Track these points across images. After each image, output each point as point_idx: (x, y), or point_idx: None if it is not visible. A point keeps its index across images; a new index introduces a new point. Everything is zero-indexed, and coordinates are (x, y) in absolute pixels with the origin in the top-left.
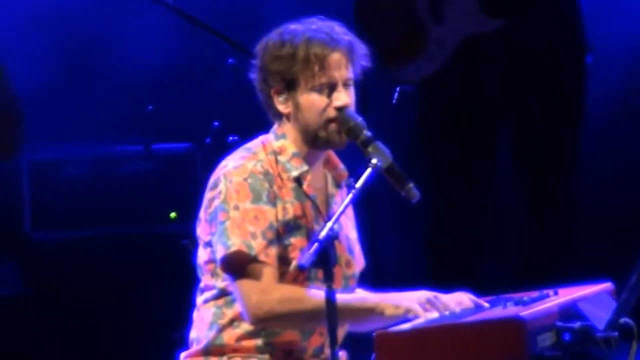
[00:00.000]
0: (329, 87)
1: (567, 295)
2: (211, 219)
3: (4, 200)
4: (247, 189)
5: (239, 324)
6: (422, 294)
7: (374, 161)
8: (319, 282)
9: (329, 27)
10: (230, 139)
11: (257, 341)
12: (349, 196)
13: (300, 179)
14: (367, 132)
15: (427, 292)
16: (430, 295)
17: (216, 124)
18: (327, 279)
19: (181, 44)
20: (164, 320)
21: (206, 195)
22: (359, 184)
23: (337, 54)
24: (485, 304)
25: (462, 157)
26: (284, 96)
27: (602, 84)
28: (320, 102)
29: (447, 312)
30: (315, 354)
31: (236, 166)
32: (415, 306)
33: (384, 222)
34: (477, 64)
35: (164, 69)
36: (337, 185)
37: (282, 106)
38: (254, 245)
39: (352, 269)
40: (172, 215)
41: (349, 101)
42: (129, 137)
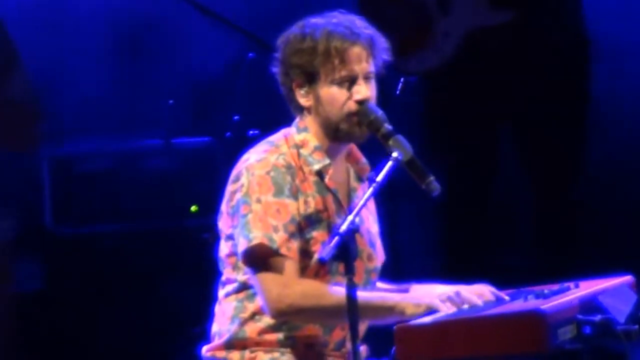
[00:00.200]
0: (350, 80)
1: (587, 288)
2: (233, 212)
3: (25, 195)
4: (270, 182)
5: (261, 317)
6: (443, 291)
7: (395, 154)
8: (340, 276)
9: (350, 21)
10: (250, 132)
11: (279, 335)
12: (370, 189)
13: (322, 173)
14: (388, 126)
15: (448, 288)
16: (451, 292)
17: (236, 117)
18: (348, 272)
19: (201, 38)
20: (185, 314)
21: (228, 188)
22: (379, 178)
23: (357, 47)
24: (505, 296)
25: (467, 151)
26: (305, 89)
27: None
28: (340, 95)
29: (467, 306)
30: (336, 348)
31: (259, 159)
32: (436, 302)
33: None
34: (482, 58)
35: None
36: (359, 179)
37: (303, 99)
38: (276, 238)
39: (373, 263)
40: (193, 208)
41: (369, 94)
42: (149, 132)
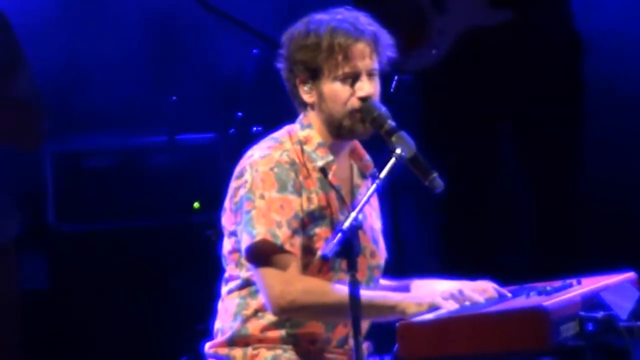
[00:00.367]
0: (353, 77)
1: (590, 284)
2: (236, 209)
3: (28, 192)
4: (273, 179)
5: (263, 314)
6: (445, 288)
7: (398, 151)
8: (342, 273)
9: (354, 17)
10: (254, 129)
11: (282, 332)
12: (373, 186)
13: (325, 169)
14: (391, 122)
15: (450, 285)
16: (454, 290)
17: (240, 114)
18: (351, 269)
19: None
20: (189, 311)
21: (231, 184)
22: (382, 174)
23: (361, 44)
24: (507, 293)
25: (466, 150)
26: (308, 85)
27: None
28: (343, 91)
29: (469, 303)
30: (339, 345)
31: (262, 156)
32: (438, 300)
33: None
34: (480, 57)
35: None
36: (362, 176)
37: (306, 95)
38: (280, 234)
39: (376, 260)
40: (196, 205)
41: (372, 91)
42: (152, 128)
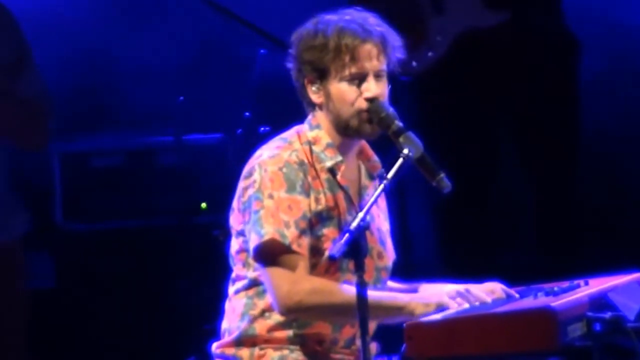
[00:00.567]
0: (360, 77)
1: (597, 285)
2: (244, 208)
3: (36, 191)
4: (282, 179)
5: (270, 314)
6: (453, 288)
7: (406, 151)
8: (350, 274)
9: (363, 18)
10: (261, 129)
11: (289, 332)
12: (380, 187)
13: (334, 170)
14: (399, 123)
15: (458, 285)
16: (461, 288)
17: (247, 114)
18: (358, 269)
19: (213, 35)
20: (196, 311)
21: (240, 184)
22: (390, 175)
23: (368, 44)
24: (515, 294)
25: (465, 151)
26: (316, 86)
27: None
28: (350, 92)
29: (477, 303)
30: (346, 346)
31: (271, 155)
32: (445, 299)
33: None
34: (479, 58)
35: (195, 60)
36: (370, 176)
37: (314, 96)
38: (288, 234)
39: (384, 261)
40: (203, 206)
41: (379, 92)
42: (160, 128)
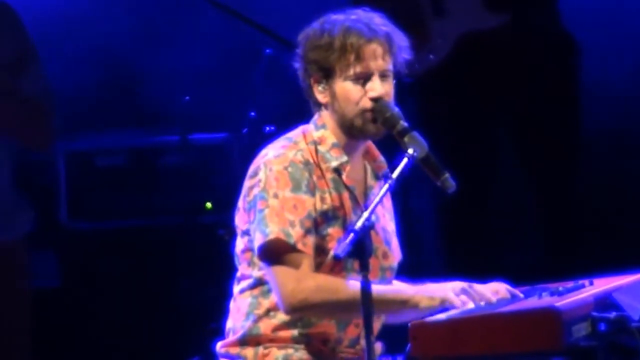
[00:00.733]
0: (364, 77)
1: (602, 285)
2: (250, 207)
3: (40, 190)
4: (287, 178)
5: (275, 314)
6: (457, 284)
7: (411, 151)
8: (355, 273)
9: (369, 18)
10: (267, 129)
11: (293, 331)
12: (385, 186)
13: (339, 170)
14: (404, 123)
15: (462, 282)
16: (465, 284)
17: (252, 114)
18: (363, 269)
19: (218, 35)
20: (200, 310)
21: (245, 183)
22: (395, 174)
23: (374, 44)
24: (520, 294)
25: (465, 151)
26: (322, 85)
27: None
28: (354, 91)
29: (482, 302)
30: (351, 345)
31: (277, 155)
32: (450, 295)
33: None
34: (479, 60)
35: (201, 61)
36: (376, 176)
37: (320, 95)
38: (293, 233)
39: (388, 261)
40: (208, 205)
41: (384, 92)
42: (165, 128)
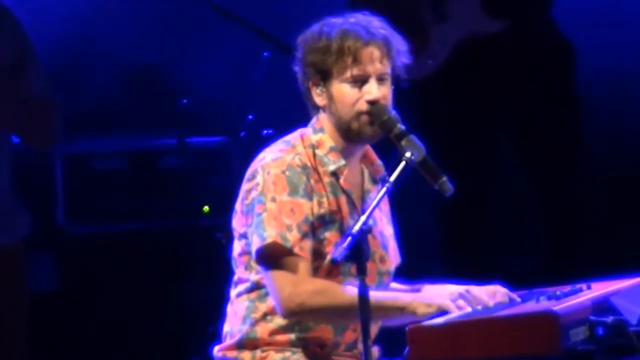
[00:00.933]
0: (361, 80)
1: (600, 289)
2: (247, 211)
3: (38, 193)
4: (285, 182)
5: (272, 318)
6: (454, 289)
7: (408, 155)
8: (352, 277)
9: (367, 22)
10: (265, 132)
11: (291, 335)
12: (382, 190)
13: (337, 174)
14: (401, 126)
15: (459, 287)
16: (462, 289)
17: (250, 117)
18: (360, 273)
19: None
20: (197, 313)
21: (243, 187)
22: (392, 178)
23: (371, 47)
24: (517, 298)
25: (464, 155)
26: (320, 88)
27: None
28: (351, 94)
29: (479, 306)
30: (348, 349)
31: (274, 158)
32: (447, 303)
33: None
34: (478, 63)
35: (198, 63)
36: (373, 180)
37: (318, 98)
38: (290, 237)
39: (386, 265)
40: (205, 209)
41: (380, 95)
42: (163, 131)
